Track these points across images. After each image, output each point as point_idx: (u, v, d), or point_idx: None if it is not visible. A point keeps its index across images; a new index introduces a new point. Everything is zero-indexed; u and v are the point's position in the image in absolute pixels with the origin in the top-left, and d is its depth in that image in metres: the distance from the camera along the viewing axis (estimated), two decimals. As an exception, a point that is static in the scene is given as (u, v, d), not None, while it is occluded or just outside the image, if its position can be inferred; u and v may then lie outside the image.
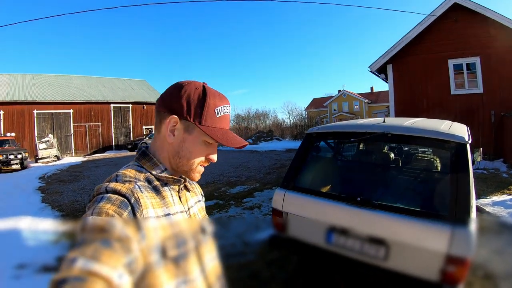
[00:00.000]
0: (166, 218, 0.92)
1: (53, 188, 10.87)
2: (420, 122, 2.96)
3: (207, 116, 0.95)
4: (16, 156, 16.58)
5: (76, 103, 25.71)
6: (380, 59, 12.47)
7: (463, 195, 2.28)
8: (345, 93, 51.81)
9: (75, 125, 25.74)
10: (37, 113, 24.16)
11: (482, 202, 6.26)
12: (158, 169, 0.98)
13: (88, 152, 26.10)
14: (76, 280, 0.56)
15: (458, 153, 2.43)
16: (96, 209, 0.76)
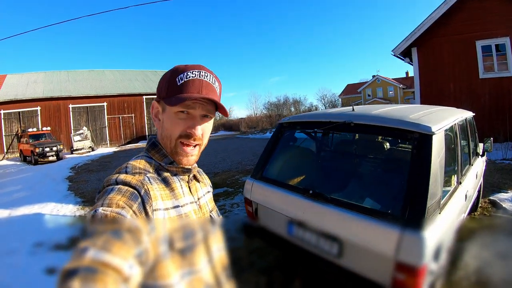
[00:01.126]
0: (175, 210, 0.93)
1: (80, 177, 11.39)
2: (393, 110, 2.72)
3: (169, 89, 0.94)
4: (52, 148, 17.56)
5: (109, 96, 26.54)
6: (403, 42, 11.86)
7: (419, 194, 2.03)
8: (379, 78, 50.00)
9: (109, 117, 26.62)
10: (72, 107, 25.23)
11: (501, 196, 5.82)
12: (167, 159, 0.99)
13: (122, 143, 27.01)
14: (87, 270, 0.56)
15: (420, 145, 2.17)
16: (106, 200, 0.77)
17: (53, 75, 28.06)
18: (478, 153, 4.26)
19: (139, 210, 0.80)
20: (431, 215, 2.03)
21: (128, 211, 0.77)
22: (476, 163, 3.92)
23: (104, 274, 0.56)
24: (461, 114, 3.28)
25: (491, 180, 6.91)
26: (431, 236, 1.95)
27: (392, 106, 3.07)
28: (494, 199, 5.65)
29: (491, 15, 10.57)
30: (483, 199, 5.65)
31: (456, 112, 3.16)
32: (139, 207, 0.81)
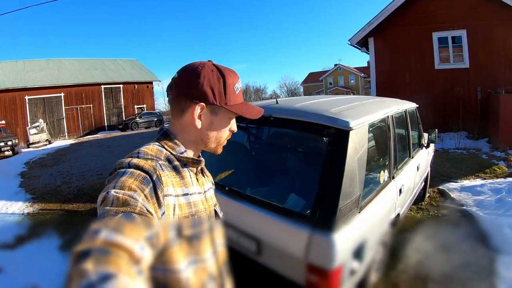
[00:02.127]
0: (185, 197, 0.94)
1: (33, 172, 10.91)
2: (317, 103, 2.57)
3: (229, 96, 0.99)
4: (6, 143, 16.76)
5: (66, 87, 25.63)
6: (360, 32, 11.88)
7: (330, 194, 1.91)
8: (341, 67, 50.94)
9: (66, 108, 25.78)
10: (29, 99, 24.23)
11: (451, 186, 5.92)
12: (179, 149, 1.00)
13: (80, 134, 26.20)
14: (100, 251, 0.55)
15: (335, 142, 2.04)
16: (118, 183, 0.78)
17: (8, 65, 26.48)
18: (423, 145, 4.24)
19: (150, 195, 0.81)
20: (346, 216, 1.93)
21: (140, 194, 0.78)
22: (418, 155, 3.89)
23: (116, 256, 0.56)
24: (398, 106, 3.20)
25: (442, 169, 7.04)
26: (345, 237, 1.87)
27: (321, 99, 2.93)
28: (443, 189, 5.74)
29: (449, 7, 10.74)
30: (432, 189, 5.74)
31: (391, 104, 3.06)
32: (151, 192, 0.82)
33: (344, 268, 1.88)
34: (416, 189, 3.86)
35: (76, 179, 8.91)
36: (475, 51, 10.64)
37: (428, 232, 4.10)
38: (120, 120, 28.00)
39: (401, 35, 11.56)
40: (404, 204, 3.18)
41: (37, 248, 4.54)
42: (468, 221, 4.40)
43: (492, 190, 5.50)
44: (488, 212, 4.63)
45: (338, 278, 1.85)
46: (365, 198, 2.23)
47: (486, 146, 9.26)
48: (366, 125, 2.24)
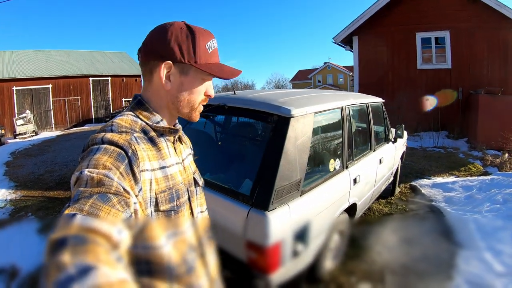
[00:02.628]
0: (162, 170, 0.91)
1: (18, 162, 10.97)
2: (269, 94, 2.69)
3: (200, 54, 0.93)
4: None
5: (54, 78, 25.32)
6: (344, 30, 11.96)
7: (266, 175, 2.03)
8: (330, 66, 51.07)
9: (54, 100, 25.48)
10: (16, 90, 23.87)
11: (423, 182, 6.04)
12: (154, 119, 0.96)
13: (67, 126, 25.95)
14: (76, 239, 0.53)
15: (275, 128, 2.16)
16: (92, 161, 0.73)
17: None
18: (389, 139, 4.32)
19: (126, 172, 0.77)
20: (284, 197, 2.04)
21: (115, 172, 0.73)
22: (383, 149, 3.97)
23: (94, 243, 0.54)
24: (356, 99, 3.27)
25: (417, 166, 7.19)
26: (282, 217, 1.98)
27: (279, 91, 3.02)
28: (415, 185, 5.86)
29: (433, 8, 10.90)
30: (404, 184, 5.86)
31: (349, 97, 3.15)
32: (126, 169, 0.77)
33: (282, 247, 1.99)
34: (381, 182, 3.95)
35: (58, 168, 9.04)
36: (458, 52, 10.81)
37: (393, 225, 4.21)
38: (107, 113, 27.72)
39: (385, 35, 11.70)
40: (362, 195, 3.27)
41: (17, 231, 4.71)
42: (434, 216, 4.52)
43: (463, 187, 5.63)
44: (456, 208, 4.73)
45: (277, 255, 1.95)
46: (310, 183, 2.34)
47: (465, 146, 9.43)
48: (310, 114, 2.34)
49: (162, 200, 0.88)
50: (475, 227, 3.90)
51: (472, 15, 10.44)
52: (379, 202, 4.94)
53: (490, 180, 5.79)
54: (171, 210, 0.90)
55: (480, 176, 6.46)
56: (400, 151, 4.92)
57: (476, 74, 10.54)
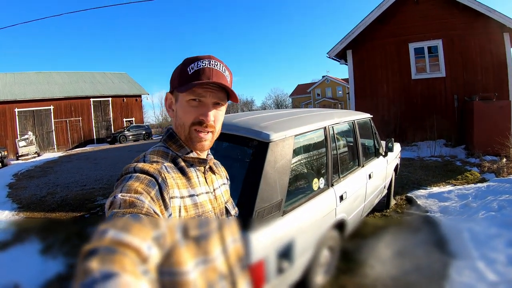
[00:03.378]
0: (191, 198, 0.94)
1: (20, 184, 11.07)
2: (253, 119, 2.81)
3: (182, 78, 0.97)
4: None
5: (56, 100, 25.75)
6: (338, 45, 12.12)
7: (246, 198, 2.14)
8: (329, 79, 51.29)
9: (56, 121, 25.85)
10: (18, 112, 24.30)
11: (419, 193, 6.04)
12: (184, 150, 1.01)
13: (69, 147, 26.22)
14: (107, 250, 0.57)
15: (256, 152, 2.27)
16: (125, 187, 0.79)
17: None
18: (380, 153, 4.39)
19: (156, 197, 0.82)
20: (265, 218, 2.14)
21: (146, 197, 0.79)
22: (372, 163, 4.04)
23: (123, 255, 0.57)
24: (340, 118, 3.37)
25: (414, 177, 7.22)
26: (264, 236, 2.08)
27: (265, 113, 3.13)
28: (411, 196, 5.88)
29: (424, 18, 11.05)
30: (400, 196, 5.89)
31: (334, 116, 3.23)
32: (157, 194, 0.82)
33: (266, 264, 2.08)
34: (372, 196, 4.01)
35: (60, 190, 9.11)
36: (451, 60, 10.89)
37: (387, 237, 4.25)
38: (109, 133, 28.09)
39: (378, 47, 11.87)
40: (352, 210, 3.33)
41: (20, 252, 4.85)
42: (428, 227, 4.54)
43: (459, 196, 5.63)
44: (451, 217, 4.75)
45: (261, 273, 2.05)
46: (292, 202, 2.43)
47: (462, 153, 9.44)
48: (290, 137, 2.44)
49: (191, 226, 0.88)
50: (469, 236, 3.92)
51: (463, 22, 10.55)
52: (374, 215, 4.99)
53: (486, 187, 5.81)
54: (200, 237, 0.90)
55: (477, 183, 6.48)
56: (392, 164, 4.99)
57: (471, 81, 10.58)
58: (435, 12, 10.92)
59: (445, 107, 10.93)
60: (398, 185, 6.28)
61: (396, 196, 5.83)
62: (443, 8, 10.79)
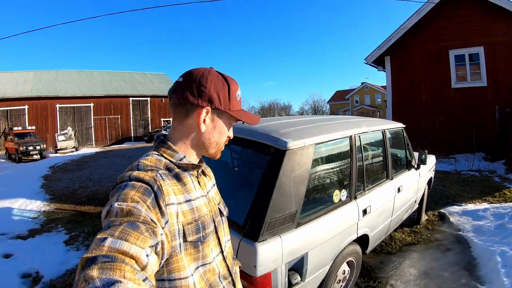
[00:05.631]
0: (187, 204, 0.95)
1: (55, 176, 11.57)
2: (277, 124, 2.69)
3: (233, 102, 1.03)
4: (35, 147, 17.79)
5: (96, 97, 26.70)
6: (375, 51, 11.74)
7: (257, 207, 2.04)
8: (367, 86, 50.11)
9: (95, 118, 26.79)
10: (60, 107, 25.42)
11: (453, 209, 5.69)
12: (177, 156, 1.01)
13: (107, 143, 27.11)
14: (106, 258, 0.59)
15: (272, 160, 2.16)
16: (121, 196, 0.79)
17: (42, 74, 28.19)
18: (412, 166, 4.17)
19: (152, 205, 0.82)
20: (277, 229, 2.04)
21: (143, 205, 0.79)
22: (403, 176, 3.82)
23: (122, 262, 0.60)
24: (369, 127, 3.19)
25: (449, 192, 6.85)
26: (274, 248, 1.98)
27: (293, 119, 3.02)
28: (444, 212, 5.57)
29: (465, 24, 10.47)
30: (433, 212, 5.57)
31: (361, 125, 3.07)
32: (153, 202, 0.82)
33: (274, 278, 1.99)
34: (401, 211, 3.80)
35: (92, 184, 9.44)
36: (493, 68, 10.23)
37: (413, 255, 4.02)
38: (146, 132, 28.76)
39: (417, 54, 11.37)
40: (376, 226, 3.16)
41: (46, 241, 5.06)
42: (459, 247, 4.26)
43: (494, 215, 5.25)
44: (484, 238, 4.43)
45: (268, 286, 1.96)
46: (309, 214, 2.31)
47: (502, 168, 8.86)
48: (310, 145, 2.31)
49: (189, 231, 0.92)
50: (501, 261, 3.63)
51: (505, 28, 9.90)
52: (403, 230, 4.74)
53: (525, 207, 5.41)
54: (198, 241, 0.95)
55: (515, 202, 6.03)
56: (426, 177, 4.72)
57: (513, 91, 9.89)
58: (476, 18, 10.32)
59: (485, 119, 10.26)
60: (431, 200, 5.97)
61: (428, 211, 5.53)
62: (485, 14, 10.16)
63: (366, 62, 12.12)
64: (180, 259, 0.89)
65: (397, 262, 3.85)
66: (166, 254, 0.82)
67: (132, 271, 0.60)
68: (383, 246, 4.22)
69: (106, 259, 0.59)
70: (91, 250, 0.62)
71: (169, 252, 0.85)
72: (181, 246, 0.90)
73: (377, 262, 3.85)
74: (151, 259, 0.69)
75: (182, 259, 0.89)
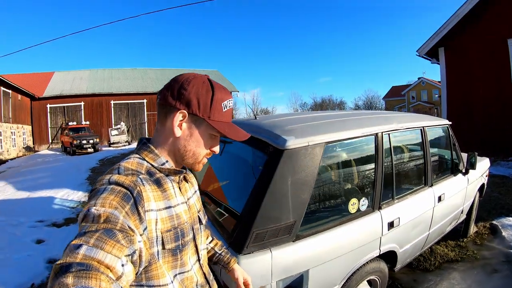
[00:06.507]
0: (167, 210, 0.93)
1: (102, 168, 12.12)
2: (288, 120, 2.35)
3: (215, 111, 0.97)
4: (88, 141, 18.97)
5: (149, 94, 27.69)
6: (428, 42, 10.74)
7: (247, 215, 1.76)
8: (424, 81, 46.98)
9: (148, 114, 27.86)
10: (114, 104, 26.89)
11: (507, 221, 4.86)
12: (159, 161, 0.99)
13: (160, 138, 28.22)
14: (81, 266, 0.58)
15: (268, 161, 1.86)
16: (99, 200, 0.77)
17: (97, 72, 30.12)
18: (459, 170, 3.62)
19: (131, 211, 0.80)
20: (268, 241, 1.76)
21: (121, 211, 0.76)
22: (446, 182, 3.32)
23: (97, 271, 0.58)
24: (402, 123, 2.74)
25: (505, 200, 6.02)
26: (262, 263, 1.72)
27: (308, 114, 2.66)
28: (496, 224, 4.83)
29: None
30: (484, 223, 4.87)
31: (392, 121, 2.64)
32: (132, 208, 0.80)
33: None
34: (442, 223, 3.30)
35: (137, 178, 9.72)
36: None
37: (453, 275, 3.48)
38: (198, 127, 29.51)
39: (472, 44, 10.23)
40: (406, 241, 2.73)
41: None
42: (509, 270, 3.62)
43: (558, 231, 4.52)
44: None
45: None
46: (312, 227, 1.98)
47: None
48: (318, 145, 1.96)
49: (168, 239, 0.89)
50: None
51: None
52: (447, 243, 4.17)
53: None
54: (177, 249, 0.92)
55: None
56: (476, 183, 4.11)
57: None
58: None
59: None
60: (483, 209, 5.28)
61: (479, 222, 4.85)
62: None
63: (418, 54, 11.19)
64: (159, 266, 0.87)
65: (433, 283, 3.35)
66: (144, 261, 0.78)
67: (108, 280, 0.58)
68: (421, 261, 3.72)
69: (81, 267, 0.57)
70: (64, 257, 0.60)
71: (148, 260, 0.82)
72: (159, 253, 0.88)
73: (410, 280, 3.38)
74: (127, 269, 0.67)
75: (161, 267, 0.88)
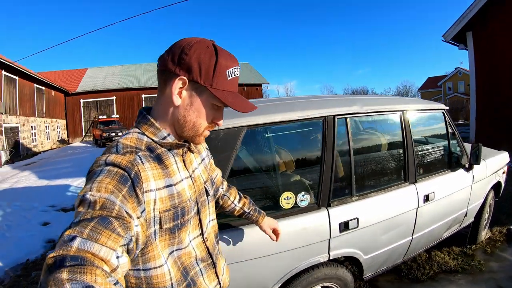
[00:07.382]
0: (168, 189, 0.89)
1: None
2: None
3: (218, 78, 0.88)
4: (117, 133, 19.59)
5: (180, 87, 28.47)
6: (454, 26, 9.69)
7: None
8: (461, 71, 43.24)
9: (178, 106, 28.61)
10: (145, 97, 27.83)
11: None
12: (160, 134, 0.93)
13: (189, 129, 29.19)
14: (75, 260, 0.56)
15: None
16: (95, 184, 0.73)
17: (129, 68, 31.26)
18: (461, 165, 3.08)
19: (129, 194, 0.76)
20: None
21: (118, 196, 0.73)
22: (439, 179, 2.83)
23: (92, 265, 0.56)
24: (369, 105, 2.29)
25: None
26: None
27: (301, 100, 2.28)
28: (511, 228, 4.14)
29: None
30: (501, 228, 4.18)
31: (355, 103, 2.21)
32: (129, 191, 0.76)
33: None
34: (434, 227, 2.81)
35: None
36: None
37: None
38: (229, 118, 29.87)
39: (503, 27, 8.95)
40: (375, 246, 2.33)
41: None
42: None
43: None
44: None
45: None
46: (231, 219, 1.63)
47: None
48: (232, 129, 1.62)
49: (166, 219, 0.86)
50: None
51: None
52: (450, 250, 3.59)
53: None
54: (175, 227, 0.89)
55: None
56: (487, 181, 3.49)
57: None
58: None
59: None
60: (502, 211, 4.56)
61: (495, 226, 4.15)
62: None
63: (444, 39, 10.17)
64: (155, 247, 0.85)
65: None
66: (141, 244, 0.76)
67: (103, 274, 0.56)
68: (413, 268, 3.22)
69: (75, 261, 0.55)
70: (58, 249, 0.58)
71: (144, 242, 0.79)
72: (156, 233, 0.85)
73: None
74: (122, 261, 0.64)
75: (157, 247, 0.85)
